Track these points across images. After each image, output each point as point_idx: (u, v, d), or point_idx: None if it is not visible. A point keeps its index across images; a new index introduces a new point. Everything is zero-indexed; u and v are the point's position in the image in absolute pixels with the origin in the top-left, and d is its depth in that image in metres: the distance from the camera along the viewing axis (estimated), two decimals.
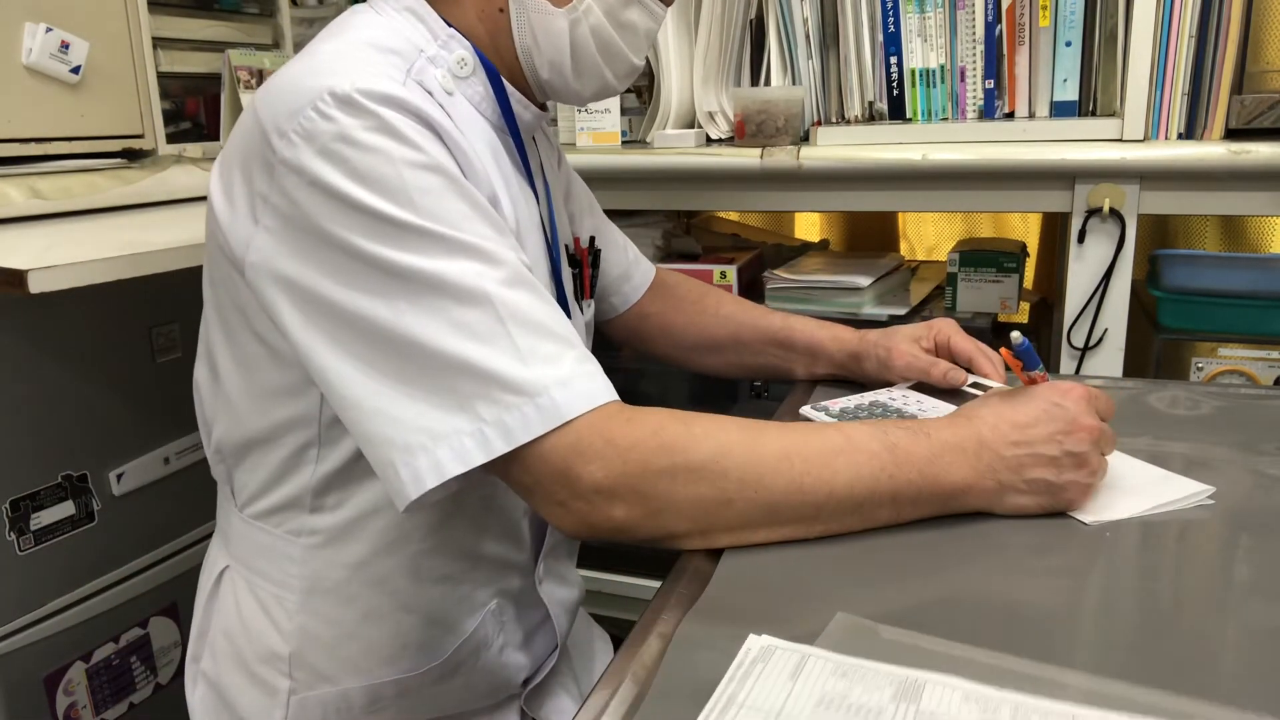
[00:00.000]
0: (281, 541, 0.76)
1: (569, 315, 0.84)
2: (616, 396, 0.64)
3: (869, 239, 1.90)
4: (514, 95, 0.77)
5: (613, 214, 1.07)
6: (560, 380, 0.61)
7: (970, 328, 1.00)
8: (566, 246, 0.90)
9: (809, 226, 1.94)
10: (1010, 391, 0.70)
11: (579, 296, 0.90)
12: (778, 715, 0.46)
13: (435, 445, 0.60)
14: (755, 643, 0.51)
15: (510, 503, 0.80)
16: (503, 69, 0.77)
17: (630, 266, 1.04)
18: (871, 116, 1.37)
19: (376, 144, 0.62)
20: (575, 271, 0.90)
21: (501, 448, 0.60)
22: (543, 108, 0.82)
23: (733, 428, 0.64)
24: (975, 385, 0.88)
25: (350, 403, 0.63)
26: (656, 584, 0.64)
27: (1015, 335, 0.69)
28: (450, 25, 0.74)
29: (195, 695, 0.83)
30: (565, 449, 0.61)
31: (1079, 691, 0.47)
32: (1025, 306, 1.56)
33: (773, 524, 0.63)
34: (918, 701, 0.46)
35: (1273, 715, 0.45)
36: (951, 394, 0.88)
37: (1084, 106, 1.27)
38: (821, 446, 0.64)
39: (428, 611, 0.78)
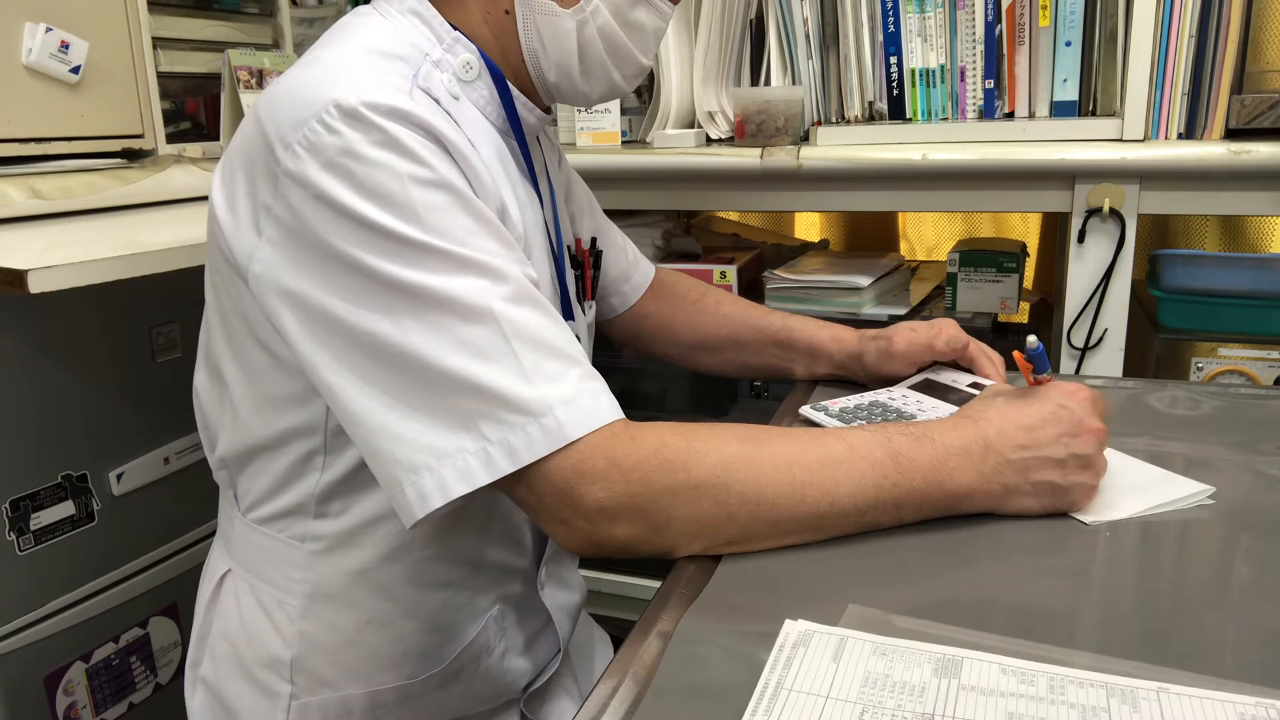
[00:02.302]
0: (285, 546, 0.76)
1: (572, 317, 0.84)
2: (620, 414, 0.64)
3: (869, 239, 1.90)
4: (519, 98, 0.77)
5: (613, 214, 1.07)
6: (564, 399, 0.61)
7: (970, 328, 1.00)
8: (569, 248, 0.90)
9: (809, 226, 1.94)
10: (1014, 391, 0.70)
11: (581, 298, 0.90)
12: (827, 697, 0.47)
13: (440, 465, 0.60)
14: (792, 628, 0.52)
15: (513, 509, 0.80)
16: (508, 71, 0.76)
17: (630, 267, 1.04)
18: (871, 116, 1.37)
19: (382, 159, 0.62)
20: (577, 273, 0.90)
21: (506, 468, 0.60)
22: (547, 110, 0.82)
23: (734, 440, 0.64)
24: (975, 385, 0.88)
25: (355, 419, 0.63)
26: (656, 584, 0.64)
27: (1031, 340, 0.69)
28: (455, 28, 0.74)
29: (195, 700, 0.83)
30: (568, 470, 0.61)
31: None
32: (1025, 306, 1.56)
33: (775, 535, 0.63)
34: (958, 677, 0.48)
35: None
36: (952, 394, 0.88)
37: (1084, 106, 1.27)
38: (823, 456, 0.63)
39: (429, 618, 0.78)
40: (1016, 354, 0.70)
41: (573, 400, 0.61)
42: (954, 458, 0.64)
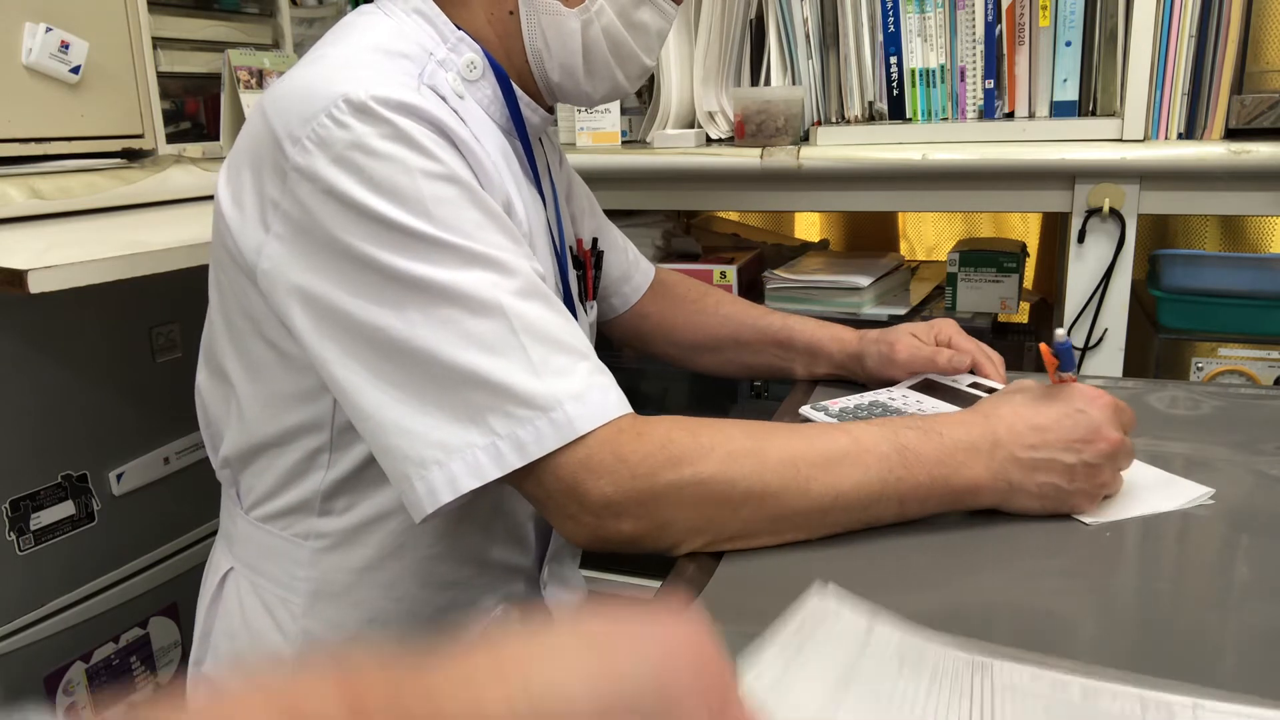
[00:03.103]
0: (289, 544, 0.76)
1: (575, 316, 0.84)
2: (629, 408, 0.64)
3: (869, 239, 1.90)
4: (522, 98, 0.77)
5: (613, 214, 1.07)
6: (573, 394, 0.61)
7: (970, 328, 1.00)
8: (571, 248, 0.90)
9: (809, 226, 1.94)
10: (1035, 389, 0.69)
11: (583, 298, 0.90)
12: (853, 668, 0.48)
13: (449, 459, 0.60)
14: (817, 595, 0.52)
15: (517, 508, 0.80)
16: (511, 72, 0.76)
17: (630, 267, 1.04)
18: (871, 116, 1.37)
19: (392, 153, 0.62)
20: (579, 273, 0.90)
21: (515, 462, 0.60)
22: (550, 110, 0.82)
23: (739, 435, 0.64)
24: (975, 385, 0.88)
25: (364, 414, 0.63)
26: (657, 584, 0.63)
27: (1060, 333, 0.67)
28: (459, 28, 0.74)
29: (197, 699, 0.83)
30: (576, 464, 0.61)
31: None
32: (1025, 306, 1.56)
33: (778, 529, 0.63)
34: (991, 675, 0.48)
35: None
36: (952, 394, 0.88)
37: (1084, 106, 1.27)
38: (828, 451, 0.63)
39: (433, 617, 0.78)
40: (1043, 346, 0.68)
41: (582, 394, 0.61)
42: (961, 452, 0.64)
